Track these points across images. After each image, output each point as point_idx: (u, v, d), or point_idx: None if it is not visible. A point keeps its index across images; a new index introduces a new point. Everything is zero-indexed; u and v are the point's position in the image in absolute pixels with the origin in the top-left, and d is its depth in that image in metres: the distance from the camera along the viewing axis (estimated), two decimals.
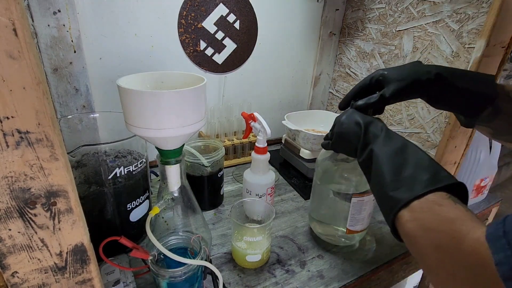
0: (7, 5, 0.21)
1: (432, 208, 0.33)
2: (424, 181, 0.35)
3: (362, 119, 0.45)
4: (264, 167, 0.63)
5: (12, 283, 0.29)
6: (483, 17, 0.61)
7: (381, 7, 0.82)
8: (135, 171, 0.52)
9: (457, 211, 0.32)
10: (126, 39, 0.71)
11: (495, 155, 0.76)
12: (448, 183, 0.34)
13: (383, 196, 0.39)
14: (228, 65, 0.87)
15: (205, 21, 0.78)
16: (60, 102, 0.66)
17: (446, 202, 0.33)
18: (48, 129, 0.25)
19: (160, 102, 0.39)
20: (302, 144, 0.82)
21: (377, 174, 0.40)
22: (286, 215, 0.70)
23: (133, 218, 0.55)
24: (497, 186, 2.42)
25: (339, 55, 1.02)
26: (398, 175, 0.37)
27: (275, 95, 1.01)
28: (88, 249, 0.32)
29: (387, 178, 0.38)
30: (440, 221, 0.32)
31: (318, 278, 0.54)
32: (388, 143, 0.41)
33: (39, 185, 0.27)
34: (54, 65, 0.63)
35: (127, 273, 0.47)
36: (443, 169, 0.37)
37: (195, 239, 0.47)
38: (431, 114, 0.74)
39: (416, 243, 0.34)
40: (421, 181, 0.35)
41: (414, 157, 0.38)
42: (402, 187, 0.36)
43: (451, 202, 0.33)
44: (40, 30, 0.59)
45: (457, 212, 0.32)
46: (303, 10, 0.93)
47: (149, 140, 0.43)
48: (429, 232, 0.32)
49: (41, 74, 0.24)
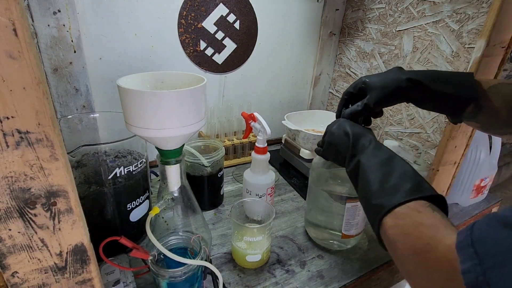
0: (7, 5, 0.21)
1: (411, 215, 0.34)
2: (406, 190, 0.36)
3: (351, 130, 0.47)
4: (264, 167, 0.63)
5: (12, 283, 0.29)
6: (483, 17, 0.61)
7: (381, 7, 0.82)
8: (135, 171, 0.52)
9: (433, 218, 0.33)
10: (126, 39, 0.71)
11: (495, 155, 0.76)
12: (428, 194, 0.36)
13: (368, 204, 0.40)
14: (228, 65, 0.87)
15: (205, 21, 0.78)
16: (60, 102, 0.66)
17: (425, 209, 0.34)
18: (48, 129, 0.25)
19: (160, 102, 0.39)
20: (302, 144, 0.82)
21: (363, 184, 0.42)
22: (286, 215, 0.70)
23: (133, 218, 0.55)
24: (497, 186, 2.42)
25: (339, 55, 1.02)
26: (382, 185, 0.39)
27: (275, 95, 1.01)
28: (88, 249, 0.32)
29: (372, 188, 0.39)
30: (417, 227, 0.33)
31: (318, 278, 0.54)
32: (375, 155, 0.43)
33: (39, 185, 0.27)
34: (54, 65, 0.63)
35: (127, 273, 0.47)
36: (426, 181, 0.38)
37: (195, 239, 0.47)
38: (431, 114, 0.74)
39: (396, 248, 0.35)
40: (404, 190, 0.36)
41: (399, 168, 0.40)
42: (386, 195, 0.37)
43: (429, 210, 0.34)
44: (40, 30, 0.59)
45: (434, 219, 0.33)
46: (303, 10, 0.93)
47: (149, 140, 0.43)
48: (407, 237, 0.33)
49: (41, 74, 0.24)
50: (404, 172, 0.39)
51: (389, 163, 0.41)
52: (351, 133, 0.46)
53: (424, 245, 0.31)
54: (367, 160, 0.42)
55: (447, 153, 0.63)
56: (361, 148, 0.44)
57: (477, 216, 0.76)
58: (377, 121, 0.88)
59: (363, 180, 0.42)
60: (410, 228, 0.33)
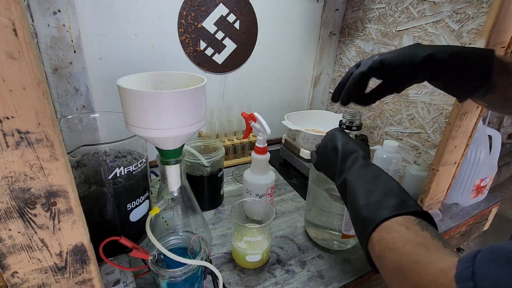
0: (7, 5, 0.21)
1: (399, 230, 0.33)
2: (392, 205, 0.36)
3: (341, 146, 0.47)
4: (264, 167, 0.63)
5: (12, 283, 0.29)
6: (483, 17, 0.61)
7: (381, 7, 0.82)
8: (135, 171, 0.52)
9: (423, 237, 0.32)
10: (126, 39, 0.71)
11: (495, 155, 0.76)
12: (415, 210, 0.35)
13: (357, 220, 0.40)
14: (228, 65, 0.87)
15: (205, 21, 0.78)
16: (60, 102, 0.66)
17: (414, 227, 0.33)
18: (48, 129, 0.25)
19: (160, 102, 0.39)
20: (302, 144, 0.82)
21: (351, 199, 0.42)
22: (286, 215, 0.70)
23: (133, 218, 0.55)
24: (497, 186, 2.42)
25: (339, 55, 1.02)
26: (368, 200, 0.39)
27: (275, 95, 1.01)
28: (88, 249, 0.32)
29: (359, 203, 0.39)
30: (404, 244, 0.32)
31: (318, 278, 0.54)
32: (362, 173, 0.43)
33: (39, 185, 0.27)
34: (54, 65, 0.63)
35: (127, 273, 0.47)
36: (412, 199, 0.38)
37: (195, 239, 0.47)
38: (431, 114, 0.74)
39: (383, 265, 0.34)
40: (389, 205, 0.36)
41: (385, 185, 0.40)
42: (372, 210, 0.37)
43: (418, 227, 0.33)
44: (40, 30, 0.59)
45: (424, 238, 0.32)
46: (303, 10, 0.93)
47: (149, 140, 0.43)
48: (393, 252, 0.32)
49: (41, 74, 0.24)
50: (389, 189, 0.39)
51: (376, 180, 0.41)
52: (340, 150, 0.47)
53: (410, 262, 0.30)
54: (354, 178, 0.43)
55: (447, 153, 0.63)
56: (349, 166, 0.45)
57: (477, 216, 0.76)
58: (377, 121, 0.88)
59: (350, 196, 0.42)
60: (397, 243, 0.32)
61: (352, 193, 0.41)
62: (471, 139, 0.67)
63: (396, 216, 0.35)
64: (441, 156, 0.63)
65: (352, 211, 0.42)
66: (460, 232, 0.74)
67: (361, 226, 0.38)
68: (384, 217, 0.35)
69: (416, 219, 0.34)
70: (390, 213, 0.35)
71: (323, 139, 0.53)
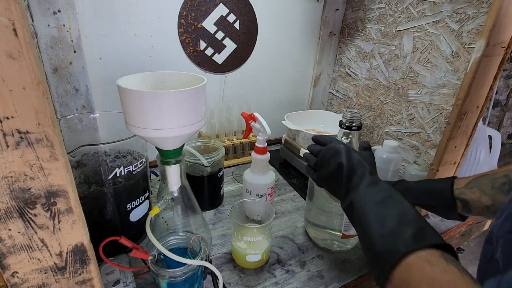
0: (7, 5, 0.21)
1: (423, 268, 0.31)
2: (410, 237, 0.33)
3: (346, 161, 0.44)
4: (264, 167, 0.63)
5: (12, 283, 0.29)
6: (483, 17, 0.61)
7: (381, 7, 0.82)
8: (135, 171, 0.52)
9: (451, 273, 0.29)
10: (126, 39, 0.71)
11: (495, 155, 0.76)
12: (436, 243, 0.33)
13: (370, 253, 0.37)
14: (228, 65, 0.87)
15: (205, 21, 0.78)
16: (60, 102, 0.66)
17: (438, 261, 0.31)
18: (48, 129, 0.25)
19: (160, 102, 0.39)
20: (302, 144, 0.82)
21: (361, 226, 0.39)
22: (286, 215, 0.70)
23: (133, 218, 0.55)
24: None
25: (339, 55, 1.02)
26: (383, 229, 0.36)
27: (275, 95, 1.01)
28: (88, 249, 0.32)
29: (372, 232, 0.36)
30: (432, 284, 0.29)
31: (318, 278, 0.54)
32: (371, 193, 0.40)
33: (39, 185, 0.27)
34: (54, 65, 0.63)
35: (127, 273, 0.47)
36: (430, 226, 0.36)
37: (195, 239, 0.47)
38: (431, 114, 0.74)
39: None
40: (407, 237, 0.33)
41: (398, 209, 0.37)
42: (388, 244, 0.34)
43: (443, 262, 0.31)
44: (40, 30, 0.59)
45: (451, 274, 0.29)
46: (303, 10, 0.93)
47: (149, 140, 0.43)
48: None
49: (41, 74, 0.24)
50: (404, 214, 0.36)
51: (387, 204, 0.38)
52: (345, 166, 0.44)
53: None
54: (362, 200, 0.40)
55: (447, 153, 0.63)
56: (355, 184, 0.42)
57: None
58: (377, 121, 0.88)
59: (360, 220, 0.39)
60: (423, 285, 0.30)
61: (362, 218, 0.39)
62: (471, 139, 0.67)
63: (419, 251, 0.32)
64: (441, 156, 0.63)
65: (363, 239, 0.38)
66: (460, 232, 0.74)
67: (377, 262, 0.35)
68: (403, 253, 0.32)
69: (438, 252, 0.32)
70: (409, 246, 0.32)
71: (324, 153, 0.48)
